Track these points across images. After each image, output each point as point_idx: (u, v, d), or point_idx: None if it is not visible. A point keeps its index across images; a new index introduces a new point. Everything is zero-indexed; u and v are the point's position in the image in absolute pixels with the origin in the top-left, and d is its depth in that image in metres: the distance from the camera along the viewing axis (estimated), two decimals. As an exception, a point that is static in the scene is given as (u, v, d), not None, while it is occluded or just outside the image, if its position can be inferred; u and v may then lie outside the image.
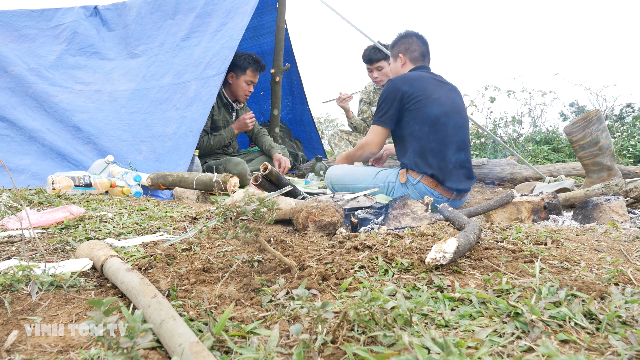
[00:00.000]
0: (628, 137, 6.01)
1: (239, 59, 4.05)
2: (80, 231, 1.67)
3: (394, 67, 3.00)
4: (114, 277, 1.06)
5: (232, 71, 4.10)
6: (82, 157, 3.41)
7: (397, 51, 2.96)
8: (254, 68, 4.11)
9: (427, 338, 0.77)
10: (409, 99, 2.63)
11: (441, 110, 2.61)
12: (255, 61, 4.11)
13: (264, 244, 1.09)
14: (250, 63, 4.08)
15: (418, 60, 2.90)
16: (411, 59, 2.90)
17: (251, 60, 4.09)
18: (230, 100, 4.21)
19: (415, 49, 2.89)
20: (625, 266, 1.23)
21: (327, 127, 11.70)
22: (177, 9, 4.27)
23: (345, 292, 1.05)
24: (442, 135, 2.61)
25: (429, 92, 2.64)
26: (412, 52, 2.90)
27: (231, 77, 4.13)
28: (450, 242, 1.19)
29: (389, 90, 2.69)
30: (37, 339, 0.84)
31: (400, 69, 2.94)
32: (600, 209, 2.00)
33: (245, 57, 4.09)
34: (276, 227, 1.89)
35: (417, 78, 2.70)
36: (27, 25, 4.27)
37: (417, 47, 2.90)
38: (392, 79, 2.74)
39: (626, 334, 0.81)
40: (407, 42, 2.92)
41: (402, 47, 2.93)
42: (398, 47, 2.95)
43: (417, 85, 2.65)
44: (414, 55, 2.90)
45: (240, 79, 4.12)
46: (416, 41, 2.91)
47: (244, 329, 0.84)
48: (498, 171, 4.01)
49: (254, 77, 4.15)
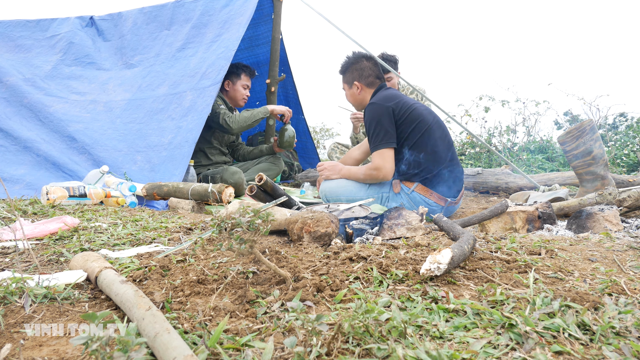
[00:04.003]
0: (621, 146, 6.06)
1: (231, 67, 4.18)
2: (74, 242, 1.66)
3: (351, 94, 2.99)
4: (108, 289, 1.05)
5: (228, 79, 4.22)
6: (77, 167, 3.41)
7: (350, 78, 2.95)
8: (247, 72, 4.30)
9: (421, 350, 0.77)
10: (398, 114, 2.66)
11: (425, 118, 2.67)
12: (246, 66, 4.33)
13: (258, 256, 1.10)
14: (242, 68, 4.27)
15: (374, 84, 2.91)
16: (367, 84, 2.91)
17: (242, 66, 4.29)
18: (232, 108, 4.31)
19: (369, 74, 2.90)
20: (619, 276, 1.23)
21: (323, 136, 11.73)
22: (173, 19, 4.30)
23: (340, 303, 1.05)
24: (430, 142, 2.65)
25: (410, 105, 2.70)
26: (366, 78, 2.90)
27: (228, 84, 4.24)
28: (445, 252, 1.20)
29: (377, 112, 2.68)
30: (31, 352, 0.83)
31: (358, 96, 2.95)
32: (594, 218, 2.02)
33: (236, 65, 4.26)
34: (271, 237, 1.89)
35: (393, 95, 2.74)
36: (23, 35, 4.27)
37: (370, 71, 2.90)
38: (373, 102, 2.74)
39: (620, 345, 0.82)
40: (359, 67, 2.91)
41: (355, 74, 2.92)
42: (351, 74, 2.94)
43: (398, 101, 2.69)
44: (369, 80, 2.90)
45: (237, 84, 4.25)
46: (367, 65, 2.90)
47: (239, 341, 0.84)
48: (492, 180, 4.03)
49: (248, 80, 4.33)
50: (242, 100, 4.33)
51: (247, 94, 4.34)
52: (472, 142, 7.27)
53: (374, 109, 2.69)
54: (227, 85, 4.24)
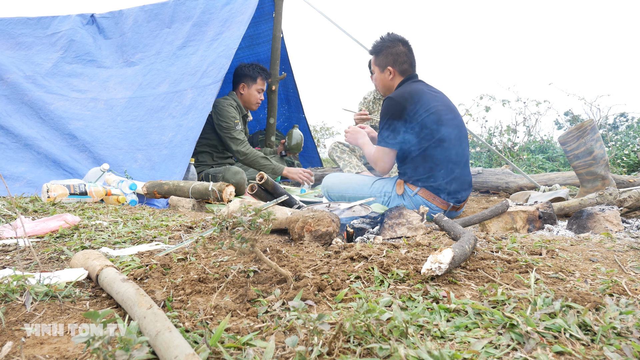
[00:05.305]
0: (622, 146, 6.06)
1: (247, 69, 4.14)
2: (75, 240, 1.66)
3: (382, 78, 2.85)
4: (109, 287, 1.05)
5: (243, 82, 4.17)
6: (78, 165, 3.41)
7: (384, 62, 2.80)
8: (263, 76, 4.23)
9: (422, 350, 0.77)
10: (412, 116, 2.54)
11: (443, 125, 2.54)
12: (263, 69, 4.23)
13: (259, 255, 1.10)
14: (259, 72, 4.19)
15: (407, 72, 2.78)
16: (400, 72, 2.78)
17: (259, 69, 4.20)
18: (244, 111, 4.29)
19: (404, 60, 2.76)
20: (620, 276, 1.23)
21: (323, 135, 11.73)
22: (174, 17, 4.30)
23: (341, 303, 1.05)
24: (443, 149, 2.54)
25: (431, 107, 2.55)
26: (401, 64, 2.76)
27: (243, 87, 4.20)
28: (446, 252, 1.20)
29: (392, 108, 2.58)
30: (32, 350, 0.83)
31: (388, 82, 2.82)
32: (594, 218, 2.02)
33: (253, 67, 4.18)
34: (272, 236, 1.89)
35: (416, 93, 2.58)
36: (24, 33, 4.27)
37: (405, 57, 2.76)
38: (392, 97, 2.61)
39: (621, 345, 0.82)
40: (395, 52, 2.76)
41: (390, 59, 2.78)
42: (385, 58, 2.79)
43: (418, 102, 2.54)
44: (403, 67, 2.77)
45: (252, 88, 4.19)
46: (403, 50, 2.76)
47: (240, 340, 0.84)
48: (493, 180, 4.03)
49: (263, 84, 4.25)
50: (256, 105, 4.27)
51: (261, 98, 4.28)
52: (473, 142, 7.26)
53: (390, 104, 2.59)
54: (242, 88, 4.18)
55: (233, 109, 4.02)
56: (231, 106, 4.00)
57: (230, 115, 3.96)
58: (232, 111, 4.00)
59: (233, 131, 3.95)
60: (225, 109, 3.94)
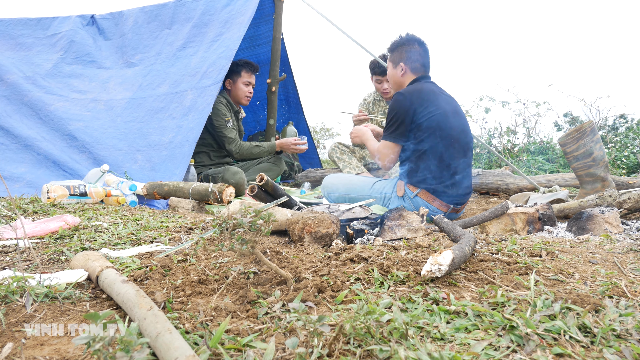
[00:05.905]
0: (621, 148, 6.06)
1: (232, 65, 4.13)
2: (75, 241, 1.66)
3: (393, 74, 2.87)
4: (109, 288, 1.05)
5: (229, 78, 4.19)
6: (78, 166, 3.41)
7: (397, 58, 2.82)
8: (248, 68, 4.21)
9: (423, 352, 0.77)
10: (419, 115, 2.54)
11: (449, 128, 2.54)
12: (246, 62, 4.23)
13: (260, 256, 1.10)
14: (242, 65, 4.19)
15: (419, 71, 2.79)
16: (412, 69, 2.78)
17: (242, 63, 4.21)
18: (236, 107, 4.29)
19: (417, 59, 2.77)
20: (619, 278, 1.23)
21: (323, 136, 11.73)
22: (174, 18, 4.30)
23: (341, 304, 1.05)
24: (447, 153, 2.54)
25: (438, 109, 2.55)
26: (413, 62, 2.77)
27: (229, 83, 4.22)
28: (446, 254, 1.20)
29: (399, 104, 2.59)
30: (32, 351, 0.83)
31: (399, 78, 2.83)
32: (594, 220, 2.02)
33: (236, 62, 4.19)
34: (272, 238, 1.89)
35: (426, 93, 2.59)
36: (24, 33, 4.28)
37: (418, 56, 2.77)
38: (402, 92, 2.62)
39: (620, 347, 0.82)
40: (409, 49, 2.77)
41: (403, 55, 2.79)
42: (399, 54, 2.81)
43: (427, 102, 2.55)
44: (416, 65, 2.78)
45: (238, 82, 4.20)
46: (418, 50, 2.77)
47: (240, 342, 0.84)
48: (493, 181, 4.03)
49: (250, 77, 4.24)
50: (246, 99, 4.26)
51: (249, 91, 4.26)
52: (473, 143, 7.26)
53: (398, 100, 2.60)
54: (228, 84, 4.21)
55: (223, 106, 4.04)
56: (221, 103, 4.01)
57: (221, 112, 3.98)
58: (222, 108, 4.02)
59: (224, 129, 3.99)
60: (215, 106, 3.94)
